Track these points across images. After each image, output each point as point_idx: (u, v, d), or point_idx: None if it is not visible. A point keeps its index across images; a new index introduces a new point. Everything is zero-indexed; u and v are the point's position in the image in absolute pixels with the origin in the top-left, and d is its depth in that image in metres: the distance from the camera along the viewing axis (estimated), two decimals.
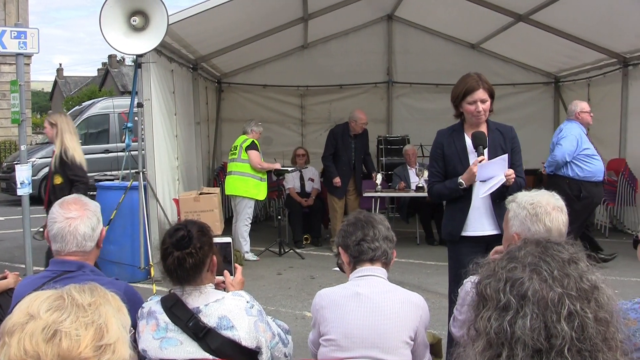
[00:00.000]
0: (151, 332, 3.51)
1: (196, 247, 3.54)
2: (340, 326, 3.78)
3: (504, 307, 1.98)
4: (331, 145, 12.88)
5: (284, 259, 11.96)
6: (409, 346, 3.80)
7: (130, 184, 10.17)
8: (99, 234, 3.81)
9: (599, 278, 2.07)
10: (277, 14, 13.33)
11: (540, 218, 3.79)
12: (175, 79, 11.86)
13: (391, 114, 17.46)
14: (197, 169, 13.56)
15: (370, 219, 4.02)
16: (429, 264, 11.49)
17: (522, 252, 2.09)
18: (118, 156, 18.14)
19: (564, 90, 17.27)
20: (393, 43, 17.17)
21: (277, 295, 9.55)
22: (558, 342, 1.89)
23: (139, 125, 10.38)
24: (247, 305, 3.58)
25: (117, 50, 10.06)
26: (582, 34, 13.60)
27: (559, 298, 1.93)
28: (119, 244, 10.07)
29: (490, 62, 17.08)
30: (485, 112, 5.68)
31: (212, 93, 16.25)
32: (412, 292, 4.01)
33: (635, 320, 3.18)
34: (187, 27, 10.83)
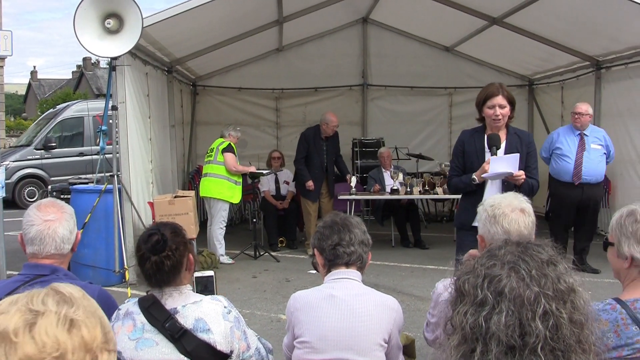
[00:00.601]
0: (127, 333, 3.49)
1: (172, 249, 3.53)
2: (314, 328, 3.79)
3: (480, 302, 2.00)
4: (303, 148, 12.89)
5: (259, 262, 11.95)
6: (382, 348, 3.81)
7: (105, 187, 10.13)
8: (74, 237, 3.81)
9: (577, 281, 2.09)
10: (252, 17, 13.32)
11: (498, 220, 3.82)
12: (150, 81, 11.82)
13: (366, 116, 17.49)
14: (172, 172, 13.51)
15: (346, 223, 4.00)
16: (403, 266, 11.53)
17: (502, 250, 2.11)
18: (92, 159, 18.06)
19: (538, 93, 17.39)
20: (368, 46, 17.21)
21: (253, 298, 9.54)
22: (532, 340, 1.91)
23: (113, 128, 10.34)
24: (225, 310, 3.57)
25: (91, 53, 10.01)
26: (556, 37, 13.69)
27: (535, 297, 1.95)
28: (94, 248, 10.02)
29: (464, 65, 17.18)
30: (503, 117, 6.28)
31: (187, 96, 16.20)
32: (387, 294, 4.03)
33: (606, 322, 3.21)
34: (162, 29, 10.81)
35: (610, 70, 13.53)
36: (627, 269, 3.34)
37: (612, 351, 3.19)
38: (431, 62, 17.04)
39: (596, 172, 10.71)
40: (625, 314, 3.20)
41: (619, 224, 3.34)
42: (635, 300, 3.24)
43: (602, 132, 11.00)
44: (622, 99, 12.92)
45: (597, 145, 10.79)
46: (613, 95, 13.29)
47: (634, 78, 12.58)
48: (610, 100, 13.18)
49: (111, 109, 10.12)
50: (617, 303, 3.25)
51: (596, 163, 10.72)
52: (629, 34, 11.90)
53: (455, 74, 17.04)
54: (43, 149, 20.41)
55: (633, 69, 12.57)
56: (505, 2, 12.67)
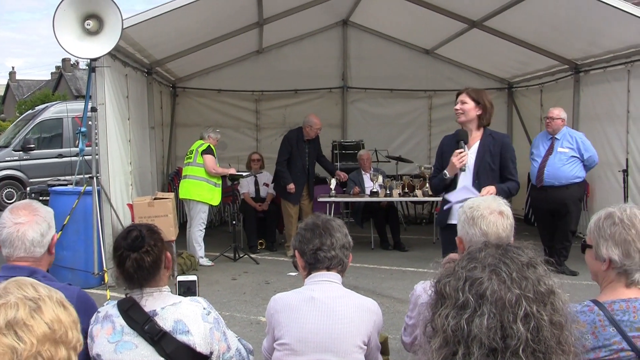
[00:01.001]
0: (106, 335, 3.48)
1: (151, 245, 3.55)
2: (294, 330, 3.79)
3: (462, 305, 2.00)
4: (286, 150, 12.82)
5: (239, 264, 11.93)
6: (362, 351, 3.82)
7: (84, 189, 10.09)
8: (49, 240, 3.77)
9: (556, 283, 2.10)
10: (232, 19, 13.31)
11: (477, 222, 3.84)
12: (130, 83, 11.79)
13: (346, 119, 17.51)
14: (152, 173, 13.48)
15: (328, 226, 3.99)
16: (383, 268, 11.55)
17: (482, 253, 2.12)
18: (72, 161, 17.97)
19: (517, 96, 17.47)
20: (348, 48, 17.24)
21: (232, 301, 9.53)
22: (513, 342, 1.92)
23: (92, 130, 10.30)
24: (204, 311, 3.57)
25: (70, 54, 9.98)
26: (535, 41, 13.75)
27: (517, 299, 1.96)
28: (73, 250, 9.97)
29: (444, 67, 17.25)
30: (464, 112, 6.60)
31: (167, 97, 16.16)
32: (367, 297, 4.03)
33: (584, 323, 3.22)
34: (142, 31, 10.78)
35: (588, 74, 13.60)
36: (604, 271, 3.36)
37: (590, 352, 3.21)
38: (411, 65, 17.08)
39: (558, 175, 10.76)
40: (602, 315, 3.22)
41: (597, 226, 3.36)
42: (613, 302, 3.26)
43: (576, 136, 11.05)
44: (601, 102, 13.00)
45: (565, 148, 10.85)
46: (591, 99, 13.37)
47: (612, 82, 12.65)
48: (589, 103, 13.26)
49: (90, 110, 10.08)
50: (595, 305, 3.27)
51: (559, 166, 10.78)
52: (607, 38, 11.99)
53: (435, 76, 17.09)
54: (22, 151, 20.27)
55: (611, 73, 12.65)
56: (485, 5, 12.72)
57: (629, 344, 3.17)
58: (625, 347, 3.17)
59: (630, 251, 3.26)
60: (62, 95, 55.83)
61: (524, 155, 16.79)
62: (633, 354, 3.18)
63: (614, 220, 3.31)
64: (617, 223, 3.30)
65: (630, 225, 3.27)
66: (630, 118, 12.07)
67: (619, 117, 12.38)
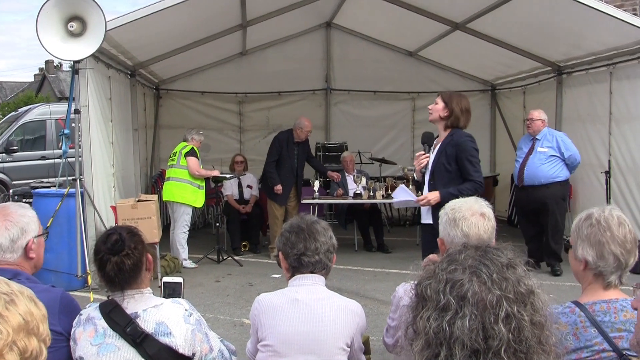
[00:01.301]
0: (89, 338, 3.48)
1: (131, 248, 3.56)
2: (277, 332, 3.80)
3: (443, 307, 2.01)
4: (276, 151, 12.82)
5: (222, 266, 11.93)
6: (345, 352, 3.83)
7: (67, 191, 10.06)
8: (23, 244, 3.71)
9: (535, 283, 2.12)
10: (216, 21, 13.30)
11: (458, 223, 3.85)
12: (113, 85, 11.76)
13: (329, 120, 17.53)
14: (135, 175, 13.45)
15: (312, 230, 3.98)
16: (367, 270, 11.56)
17: (462, 255, 2.13)
18: (55, 163, 17.88)
19: (500, 98, 17.53)
20: (331, 50, 17.26)
21: (216, 303, 9.53)
22: (495, 343, 1.93)
23: (76, 132, 10.27)
24: (186, 313, 3.57)
25: (54, 55, 9.96)
26: (518, 43, 13.80)
27: (497, 300, 1.97)
28: (56, 252, 9.91)
29: (427, 69, 17.28)
30: (434, 112, 6.88)
31: (150, 99, 16.12)
32: (350, 299, 4.04)
33: (566, 325, 3.25)
34: (125, 33, 10.75)
35: (571, 76, 13.66)
36: (583, 271, 3.39)
37: (572, 353, 3.23)
38: (394, 67, 17.10)
39: (537, 174, 10.95)
40: (584, 316, 3.24)
41: (577, 227, 3.40)
42: (594, 303, 3.28)
43: (557, 135, 11.24)
44: (583, 104, 13.05)
45: (545, 148, 11.05)
46: (574, 101, 13.42)
47: (594, 83, 12.71)
48: (571, 105, 13.31)
49: (74, 112, 10.05)
50: (576, 306, 3.29)
51: (537, 166, 10.97)
52: (589, 40, 12.04)
53: (418, 78, 17.13)
54: (4, 153, 20.13)
55: (594, 75, 12.70)
56: (468, 7, 12.76)
57: (610, 344, 3.19)
58: (606, 348, 3.19)
59: (604, 253, 3.29)
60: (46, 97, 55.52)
61: (506, 157, 16.97)
62: (614, 355, 3.20)
63: (591, 222, 3.34)
64: (593, 224, 3.33)
65: (606, 227, 3.30)
66: (612, 119, 12.13)
67: (601, 119, 12.43)
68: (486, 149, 17.71)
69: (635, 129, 11.52)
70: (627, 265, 3.32)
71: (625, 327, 3.22)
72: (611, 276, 3.32)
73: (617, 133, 12.00)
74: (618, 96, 11.96)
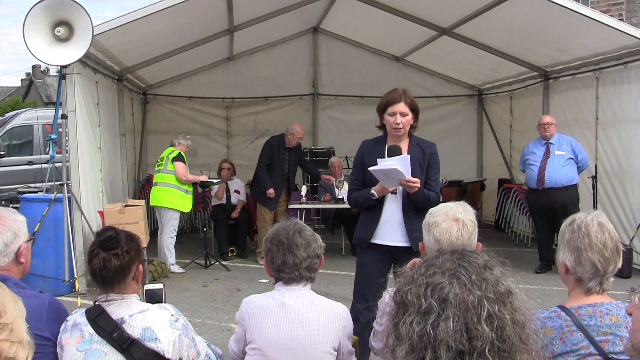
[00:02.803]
0: (75, 344, 3.46)
1: (123, 250, 3.54)
2: (265, 336, 3.80)
3: (425, 311, 2.02)
4: (267, 156, 12.85)
5: (210, 271, 11.91)
6: (332, 356, 3.83)
7: (55, 196, 10.04)
8: (15, 249, 3.70)
9: (513, 283, 2.13)
10: (203, 26, 13.30)
11: (430, 229, 3.85)
12: (100, 90, 11.74)
13: (316, 125, 17.54)
14: (122, 180, 13.41)
15: (292, 245, 3.91)
16: (354, 275, 11.53)
17: (439, 259, 2.14)
18: (42, 168, 17.80)
19: (487, 103, 17.59)
20: (318, 55, 17.28)
21: (203, 308, 9.52)
22: (479, 343, 1.94)
23: (63, 137, 10.24)
24: (172, 318, 3.57)
25: (41, 60, 9.94)
26: (505, 48, 13.86)
27: (479, 301, 1.98)
28: (43, 257, 9.91)
29: (414, 74, 17.33)
30: (404, 126, 5.91)
31: (138, 104, 16.10)
32: (336, 302, 4.03)
33: (552, 329, 3.26)
34: (113, 38, 10.74)
35: (558, 81, 13.73)
36: (565, 275, 3.41)
37: (558, 357, 3.24)
38: (381, 72, 17.12)
39: (559, 177, 11.05)
40: (570, 321, 3.25)
41: (562, 231, 3.43)
42: (579, 307, 3.30)
43: (568, 140, 11.38)
44: (570, 109, 13.12)
45: (562, 151, 11.16)
46: (561, 105, 13.48)
47: (581, 89, 12.78)
48: (558, 110, 13.36)
49: (61, 117, 10.03)
50: (562, 310, 3.30)
51: (558, 168, 11.08)
52: (576, 45, 12.10)
53: (405, 83, 17.05)
54: None
55: (580, 80, 12.78)
56: (454, 12, 12.79)
57: (597, 348, 3.21)
58: (592, 352, 3.21)
59: (581, 259, 3.30)
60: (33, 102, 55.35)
61: (492, 162, 17.04)
62: (600, 358, 3.21)
63: (573, 227, 3.36)
64: (574, 230, 3.35)
65: (585, 234, 3.31)
66: (599, 124, 12.21)
67: (587, 124, 12.50)
68: (473, 154, 17.78)
69: (622, 134, 11.60)
70: (606, 273, 3.32)
71: (611, 331, 3.23)
72: (590, 282, 3.33)
73: (603, 138, 12.08)
74: (604, 101, 12.03)
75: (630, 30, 10.80)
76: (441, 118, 16.89)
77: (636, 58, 11.15)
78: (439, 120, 16.63)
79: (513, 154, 16.03)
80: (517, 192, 14.35)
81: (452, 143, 16.70)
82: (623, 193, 11.65)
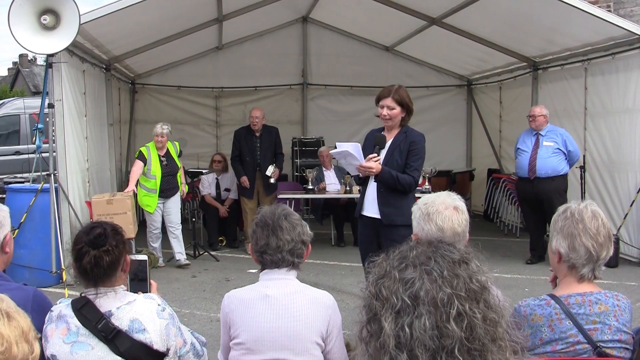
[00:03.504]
0: (61, 336, 3.43)
1: (112, 245, 3.50)
2: (249, 329, 3.76)
3: (400, 309, 1.97)
4: (235, 147, 12.97)
5: (199, 262, 11.89)
6: (319, 347, 3.77)
7: (41, 187, 9.99)
8: (0, 239, 3.70)
9: (490, 278, 2.09)
10: (192, 15, 13.25)
11: (432, 217, 3.84)
12: (87, 79, 11.67)
13: (306, 115, 17.51)
14: (110, 171, 13.37)
15: (276, 227, 3.88)
16: (343, 265, 11.55)
17: (413, 252, 2.09)
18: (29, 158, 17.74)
19: (477, 93, 17.59)
20: (308, 45, 17.24)
21: (192, 298, 9.50)
22: (448, 342, 1.91)
23: (50, 127, 10.18)
24: (159, 308, 3.55)
25: (27, 49, 9.88)
26: (494, 38, 13.86)
27: (448, 298, 1.94)
28: (30, 248, 9.87)
29: (404, 64, 17.31)
30: (391, 118, 6.85)
31: (126, 94, 16.03)
32: (322, 291, 3.98)
33: (541, 317, 3.29)
34: (100, 26, 10.68)
35: (546, 71, 13.75)
36: (558, 264, 3.42)
37: (547, 345, 3.25)
38: (371, 62, 17.13)
39: (545, 166, 11.09)
40: (559, 309, 3.26)
41: (554, 220, 3.45)
42: (569, 295, 3.31)
43: (559, 131, 11.41)
44: (559, 99, 13.14)
45: (550, 142, 11.20)
46: (550, 96, 13.49)
47: (569, 79, 12.80)
48: (547, 100, 13.35)
49: (48, 106, 9.96)
50: (552, 299, 3.32)
51: (545, 158, 11.13)
52: (564, 35, 12.11)
53: (395, 73, 17.12)
54: None
55: (569, 70, 12.79)
56: (444, 2, 12.77)
57: (585, 336, 3.22)
58: (581, 340, 3.22)
59: (575, 245, 3.33)
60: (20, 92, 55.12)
61: (481, 152, 17.09)
62: (589, 346, 3.23)
63: (567, 215, 3.39)
64: (568, 217, 3.38)
65: (579, 220, 3.35)
66: (587, 115, 12.23)
67: (576, 114, 12.53)
68: (462, 144, 17.80)
69: (610, 125, 11.63)
70: (599, 259, 3.35)
71: (600, 320, 3.27)
72: (583, 269, 3.35)
73: (592, 128, 12.11)
74: (593, 92, 12.06)
75: (618, 22, 10.84)
76: (430, 108, 16.86)
77: (624, 49, 11.18)
78: (428, 110, 16.58)
79: (502, 144, 16.06)
80: (506, 182, 14.36)
81: (442, 133, 16.73)
82: (611, 183, 11.68)
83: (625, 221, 11.12)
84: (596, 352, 3.23)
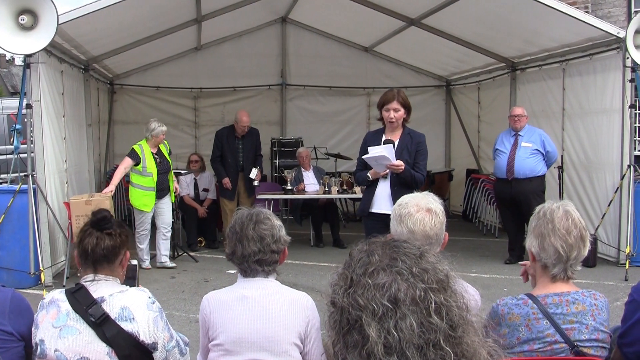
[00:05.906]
0: (51, 320, 3.45)
1: (116, 231, 3.60)
2: (227, 331, 3.75)
3: (382, 315, 1.95)
4: (217, 148, 12.99)
5: (178, 262, 11.83)
6: (298, 348, 3.76)
7: (19, 188, 9.93)
8: None
9: (449, 266, 2.09)
10: (170, 15, 13.21)
11: (403, 220, 3.83)
12: (66, 80, 11.61)
13: (285, 116, 17.50)
14: (89, 172, 13.30)
15: (243, 236, 3.84)
16: (322, 265, 11.55)
17: (374, 256, 2.06)
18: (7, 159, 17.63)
19: (455, 94, 17.66)
20: (287, 46, 17.24)
21: (171, 299, 9.47)
22: (433, 335, 1.91)
23: (27, 127, 10.13)
24: (149, 300, 3.59)
25: (4, 49, 9.82)
26: (472, 39, 13.92)
27: (425, 293, 1.94)
28: (8, 249, 9.82)
29: (383, 65, 17.36)
30: (397, 120, 7.48)
31: (104, 95, 15.96)
32: (301, 292, 3.97)
33: (518, 316, 3.31)
34: (78, 26, 10.63)
35: (525, 72, 13.82)
36: (533, 263, 3.46)
37: (524, 344, 3.28)
38: (350, 63, 17.17)
39: (524, 167, 11.14)
40: (536, 308, 3.29)
41: (530, 220, 3.48)
42: (546, 295, 3.34)
43: (539, 132, 11.45)
44: (537, 100, 13.21)
45: (528, 143, 11.24)
46: (528, 96, 13.57)
47: (547, 80, 12.88)
48: (525, 101, 13.43)
49: (25, 107, 9.91)
50: (529, 298, 3.34)
51: (523, 159, 11.17)
52: (542, 36, 12.19)
53: (374, 74, 17.18)
54: None
55: (547, 71, 12.87)
56: (423, 3, 12.82)
57: (562, 336, 3.24)
58: (558, 339, 3.25)
59: (544, 244, 3.37)
60: None
61: (460, 152, 17.15)
62: (566, 346, 3.25)
63: (539, 215, 3.43)
64: (540, 217, 3.42)
65: (549, 220, 3.38)
66: (565, 115, 12.31)
67: (554, 115, 12.61)
68: (441, 145, 17.85)
69: (588, 125, 11.71)
70: (569, 259, 3.37)
71: (577, 319, 3.29)
72: (554, 269, 3.38)
73: (569, 129, 12.19)
74: (571, 92, 12.14)
75: (595, 23, 10.93)
76: None
77: (601, 50, 11.26)
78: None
79: (481, 144, 16.12)
80: (485, 182, 14.41)
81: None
82: (589, 183, 11.75)
83: (603, 221, 11.17)
84: (573, 352, 3.25)
